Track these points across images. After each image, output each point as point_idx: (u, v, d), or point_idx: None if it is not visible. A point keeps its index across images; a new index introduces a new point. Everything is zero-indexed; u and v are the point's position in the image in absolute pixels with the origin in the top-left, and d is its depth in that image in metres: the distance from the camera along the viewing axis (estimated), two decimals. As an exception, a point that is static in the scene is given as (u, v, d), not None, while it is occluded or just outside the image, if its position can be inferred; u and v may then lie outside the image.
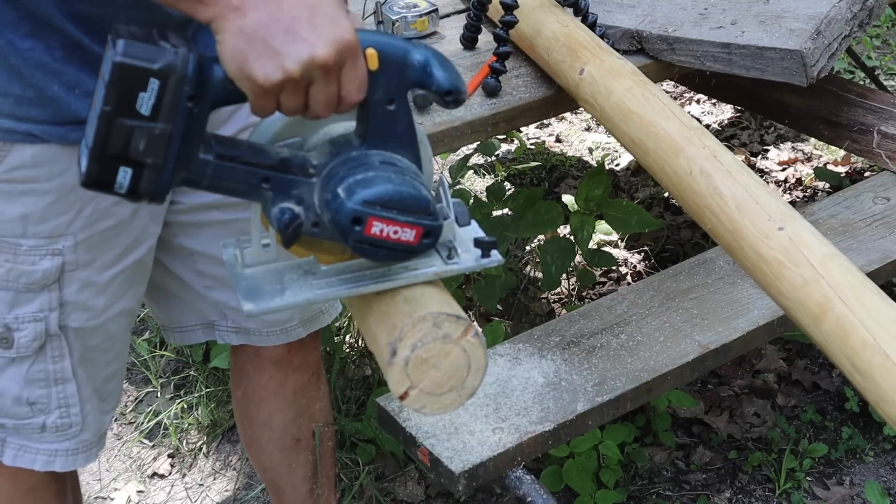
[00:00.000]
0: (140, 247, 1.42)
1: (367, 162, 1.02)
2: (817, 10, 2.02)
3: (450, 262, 1.09)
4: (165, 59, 0.95)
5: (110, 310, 1.41)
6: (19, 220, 1.28)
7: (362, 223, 1.00)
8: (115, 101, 0.95)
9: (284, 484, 1.85)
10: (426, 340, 1.03)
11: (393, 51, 1.02)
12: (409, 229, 1.02)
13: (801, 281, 1.30)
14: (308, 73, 0.96)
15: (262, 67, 0.95)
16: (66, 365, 1.40)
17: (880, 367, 1.18)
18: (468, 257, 1.09)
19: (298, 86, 0.97)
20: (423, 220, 1.02)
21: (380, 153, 1.03)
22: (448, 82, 1.03)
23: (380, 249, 1.02)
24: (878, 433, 2.44)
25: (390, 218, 1.00)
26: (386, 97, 1.02)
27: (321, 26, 0.96)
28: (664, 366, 1.79)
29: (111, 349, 1.46)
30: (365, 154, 1.03)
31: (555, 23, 1.99)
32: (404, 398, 1.05)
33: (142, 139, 0.97)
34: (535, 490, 1.63)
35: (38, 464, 1.45)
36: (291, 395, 1.75)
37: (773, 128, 3.64)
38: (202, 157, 1.00)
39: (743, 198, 1.44)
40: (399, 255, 1.04)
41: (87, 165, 0.98)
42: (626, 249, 3.06)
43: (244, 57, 0.95)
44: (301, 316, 1.66)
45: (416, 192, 1.01)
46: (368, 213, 1.00)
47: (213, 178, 1.02)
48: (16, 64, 1.20)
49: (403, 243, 1.02)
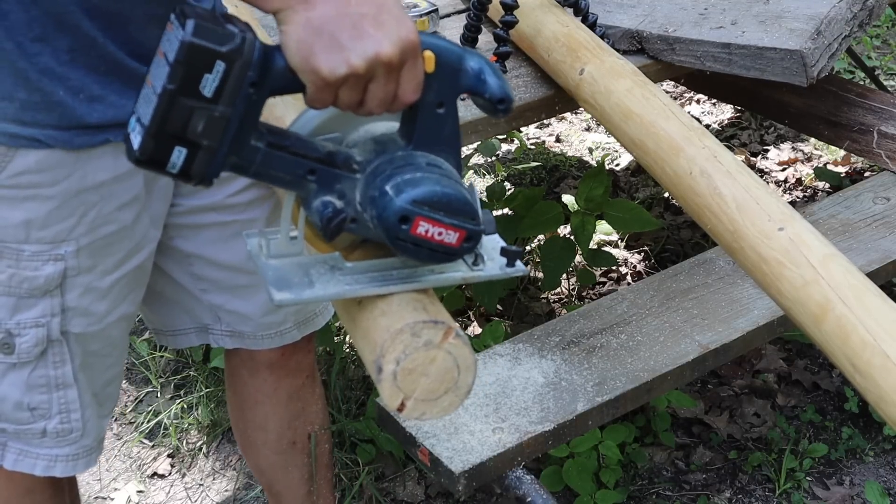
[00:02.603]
0: (141, 252, 1.42)
1: (414, 162, 1.03)
2: (817, 10, 2.02)
3: (475, 268, 1.10)
4: (234, 42, 0.95)
5: (111, 315, 1.41)
6: (22, 225, 1.28)
7: (409, 222, 1.00)
8: (180, 81, 0.95)
9: (281, 486, 1.85)
10: (408, 352, 1.02)
11: (449, 55, 1.03)
12: (452, 232, 1.02)
13: (802, 281, 1.30)
14: (371, 69, 0.97)
15: (327, 61, 0.96)
16: (67, 370, 1.39)
17: (880, 368, 1.18)
18: (493, 265, 1.10)
19: (360, 81, 0.98)
20: (467, 224, 1.03)
21: (425, 155, 1.04)
22: (501, 91, 1.04)
23: (422, 249, 1.03)
24: (878, 433, 2.44)
25: (437, 219, 1.01)
26: (437, 100, 1.03)
27: (387, 24, 0.97)
28: (664, 366, 1.79)
29: (111, 354, 1.46)
30: (411, 154, 1.04)
31: (555, 23, 1.99)
32: (402, 409, 1.04)
33: (201, 120, 0.97)
34: (535, 490, 1.63)
35: (39, 469, 1.45)
36: (286, 399, 1.75)
37: (773, 128, 3.64)
38: (254, 143, 1.01)
39: (743, 198, 1.44)
40: (439, 256, 1.04)
41: (141, 142, 0.98)
42: (626, 249, 3.06)
43: (310, 49, 0.96)
44: (295, 318, 1.65)
45: (463, 195, 1.02)
46: (416, 212, 1.00)
47: (262, 165, 1.02)
48: (23, 68, 1.19)
49: (445, 245, 1.03)
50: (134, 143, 0.99)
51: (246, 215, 1.54)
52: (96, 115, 1.24)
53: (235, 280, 1.58)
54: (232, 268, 1.56)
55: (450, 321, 1.04)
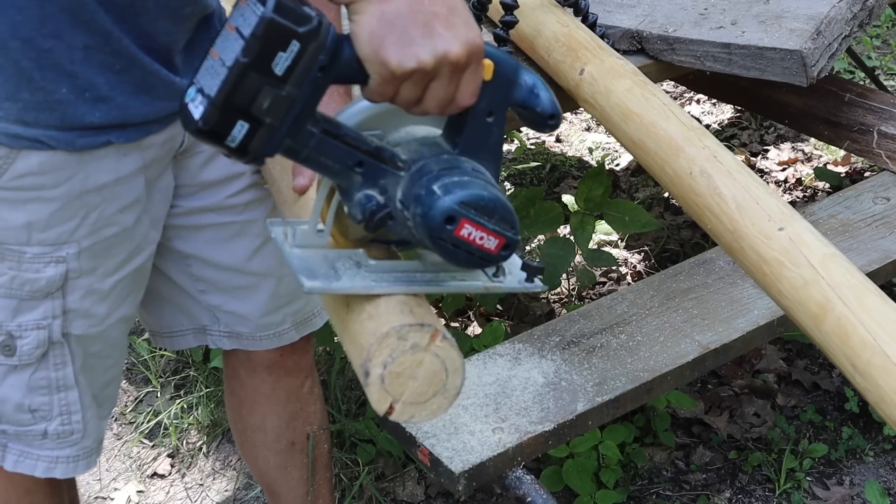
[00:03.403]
0: (141, 253, 1.42)
1: (461, 166, 1.04)
2: (817, 10, 2.02)
3: (495, 279, 1.11)
4: (311, 24, 0.96)
5: (112, 316, 1.41)
6: (24, 227, 1.28)
7: (455, 222, 1.01)
8: (255, 55, 0.95)
9: (280, 487, 1.85)
10: (395, 355, 1.02)
11: (507, 66, 1.04)
12: (493, 238, 1.03)
13: (802, 281, 1.30)
14: (438, 67, 0.98)
15: (396, 54, 0.96)
16: (68, 372, 1.39)
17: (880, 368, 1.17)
18: (512, 279, 1.12)
19: (424, 78, 0.98)
20: (508, 232, 1.03)
21: (469, 161, 1.05)
22: (552, 107, 1.06)
23: (460, 252, 1.03)
24: (878, 433, 2.44)
25: (481, 223, 1.02)
26: (488, 108, 1.04)
27: (457, 26, 0.98)
28: (664, 366, 1.79)
29: (111, 355, 1.46)
30: (457, 159, 1.05)
31: (555, 23, 1.99)
32: (390, 413, 1.04)
33: (267, 98, 0.97)
34: (535, 490, 1.63)
35: (39, 470, 1.45)
36: (285, 399, 1.75)
37: (773, 128, 3.64)
38: (310, 128, 1.01)
39: (743, 198, 1.44)
40: (475, 260, 1.05)
41: (205, 112, 0.98)
42: (626, 249, 3.06)
43: (381, 41, 0.96)
44: (294, 319, 1.66)
45: (506, 204, 1.03)
46: (463, 213, 1.01)
47: (314, 151, 1.03)
48: (27, 67, 1.19)
49: (484, 250, 1.04)
50: (195, 112, 0.99)
51: (244, 216, 1.54)
52: (99, 114, 1.24)
53: (233, 281, 1.58)
54: (230, 269, 1.56)
55: (437, 324, 1.04)
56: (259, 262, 1.58)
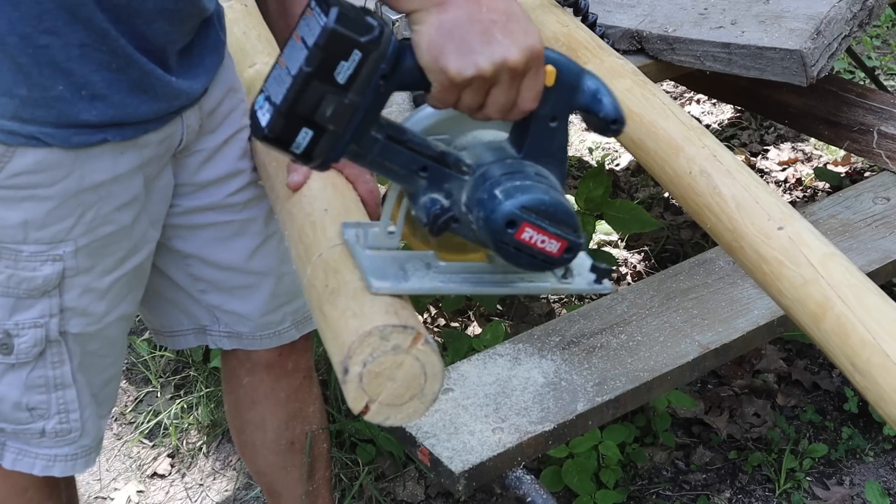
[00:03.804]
0: (140, 252, 1.42)
1: (524, 170, 1.05)
2: (817, 10, 2.02)
3: (564, 281, 1.13)
4: (373, 34, 0.98)
5: (110, 315, 1.41)
6: (20, 226, 1.28)
7: (515, 226, 1.02)
8: (318, 65, 0.98)
9: (280, 487, 1.85)
10: (376, 355, 1.02)
11: (569, 71, 1.06)
12: (555, 241, 1.05)
13: (801, 280, 1.30)
14: (497, 73, 0.99)
15: (456, 62, 0.98)
16: (65, 371, 1.39)
17: (880, 367, 1.17)
18: (581, 280, 1.13)
19: (484, 85, 1.00)
20: (570, 236, 1.05)
21: (533, 165, 1.06)
22: (615, 111, 1.08)
23: (522, 255, 1.04)
24: (878, 433, 2.44)
25: (542, 227, 1.03)
26: (552, 113, 1.06)
27: (515, 32, 0.99)
28: (664, 366, 1.79)
29: (110, 354, 1.46)
30: (521, 163, 1.06)
31: (555, 23, 1.99)
32: (365, 412, 1.04)
33: (330, 105, 0.99)
34: (535, 490, 1.63)
35: (37, 468, 1.45)
36: (284, 399, 1.75)
37: (773, 128, 3.64)
38: (374, 134, 1.03)
39: (743, 197, 1.44)
40: (538, 264, 1.06)
41: (271, 120, 1.00)
42: (626, 249, 3.06)
43: (440, 50, 0.98)
44: (294, 318, 1.65)
45: (568, 207, 1.05)
46: (523, 217, 1.02)
47: (378, 156, 1.05)
48: (24, 63, 1.19)
49: (546, 253, 1.05)
50: (262, 120, 1.01)
51: (244, 214, 1.54)
52: (95, 112, 1.24)
53: (233, 280, 1.58)
54: (230, 268, 1.56)
55: (420, 327, 1.04)
56: (259, 261, 1.58)
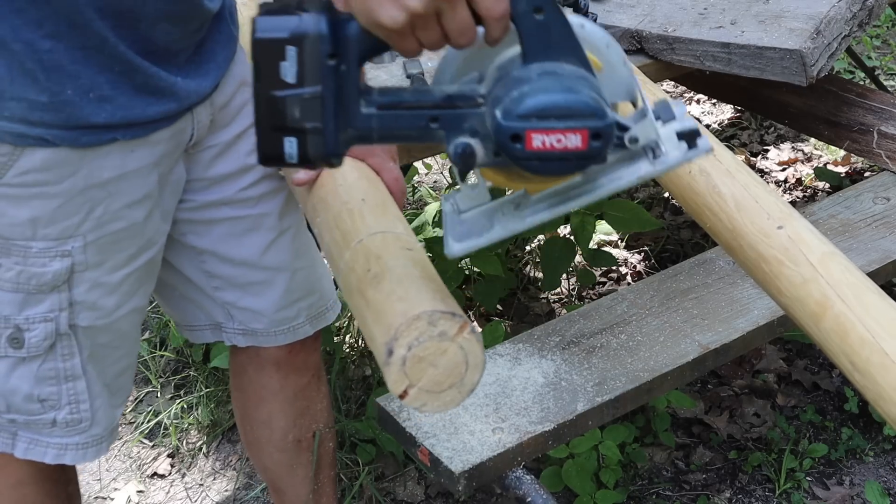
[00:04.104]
0: (152, 248, 1.43)
1: (525, 77, 0.99)
2: (817, 10, 2.02)
3: (656, 161, 1.03)
4: (294, 25, 0.96)
5: (121, 309, 1.42)
6: (29, 223, 1.29)
7: (521, 139, 0.97)
8: (261, 76, 0.97)
9: (285, 484, 1.85)
10: (422, 339, 1.02)
11: None
12: (573, 134, 0.98)
13: (801, 279, 1.30)
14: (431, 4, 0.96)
15: (386, 12, 0.96)
16: (75, 363, 1.41)
17: (879, 366, 1.17)
18: (676, 153, 1.03)
19: (428, 20, 0.97)
20: (588, 122, 0.97)
21: (540, 65, 1.00)
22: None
23: (550, 162, 0.99)
24: (878, 433, 2.44)
25: (549, 127, 0.97)
26: (532, 6, 0.99)
27: None
28: (664, 366, 1.79)
29: (121, 346, 1.47)
30: (525, 69, 1.00)
31: (554, 23, 1.99)
32: (404, 397, 1.04)
33: (295, 106, 0.98)
34: (535, 490, 1.63)
35: (49, 457, 1.46)
36: (292, 396, 1.75)
37: (773, 128, 3.64)
38: (364, 111, 1.01)
39: (742, 196, 1.44)
40: (574, 163, 0.99)
41: (257, 144, 1.00)
42: (626, 249, 3.06)
43: (369, 6, 0.97)
44: (308, 313, 1.66)
45: (574, 95, 0.98)
46: (524, 126, 0.97)
47: (382, 129, 1.02)
48: (32, 68, 1.19)
49: (572, 150, 0.98)
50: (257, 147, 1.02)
51: (258, 209, 1.54)
52: (104, 114, 1.25)
53: (248, 276, 1.58)
54: (244, 264, 1.57)
55: (465, 317, 1.05)
56: (273, 257, 1.58)
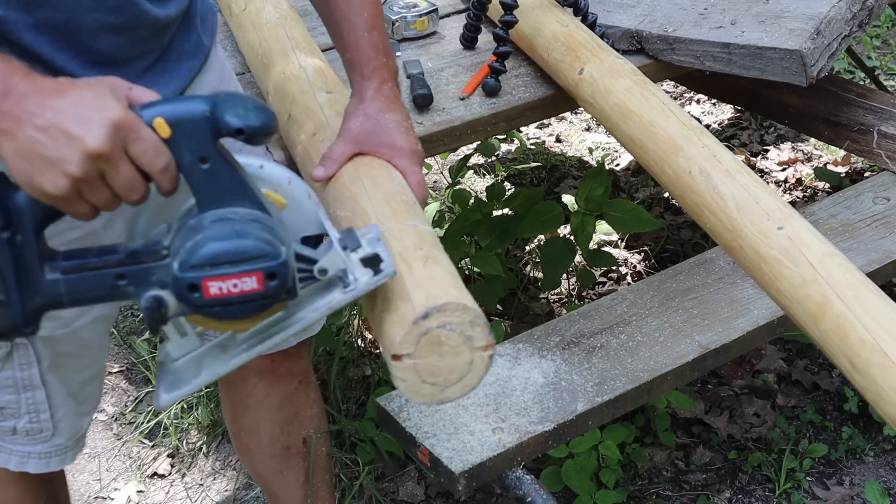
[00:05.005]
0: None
1: (198, 226, 1.00)
2: (817, 10, 2.02)
3: (346, 290, 1.06)
4: None
5: (82, 318, 1.40)
6: None
7: (199, 288, 0.98)
8: None
9: (278, 489, 1.85)
10: (453, 327, 1.04)
11: (180, 112, 0.99)
12: (248, 277, 0.99)
13: (801, 280, 1.30)
14: (92, 167, 0.95)
15: (49, 179, 0.95)
16: (33, 372, 1.39)
17: (879, 366, 1.18)
18: (364, 278, 1.07)
19: (93, 183, 0.97)
20: (260, 264, 0.99)
21: (214, 212, 1.01)
22: (238, 120, 0.98)
23: (232, 307, 1.00)
24: (878, 433, 2.44)
25: (223, 273, 0.98)
26: (196, 157, 1.00)
27: (87, 118, 0.95)
28: (664, 366, 1.79)
29: (86, 355, 1.46)
30: (199, 219, 1.01)
31: (554, 22, 1.99)
32: (397, 359, 1.05)
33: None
34: (535, 490, 1.63)
35: (13, 464, 1.47)
36: (278, 404, 1.75)
37: (773, 128, 3.64)
38: (49, 277, 1.00)
39: (742, 197, 1.44)
40: (257, 304, 1.01)
41: None
42: (626, 249, 3.06)
43: (30, 176, 0.96)
44: None
45: (243, 239, 0.99)
46: (199, 276, 0.98)
47: (70, 293, 1.01)
48: None
49: (250, 293, 0.99)
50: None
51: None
52: None
53: None
54: None
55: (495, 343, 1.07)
56: None
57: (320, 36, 2.08)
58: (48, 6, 1.17)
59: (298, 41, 1.76)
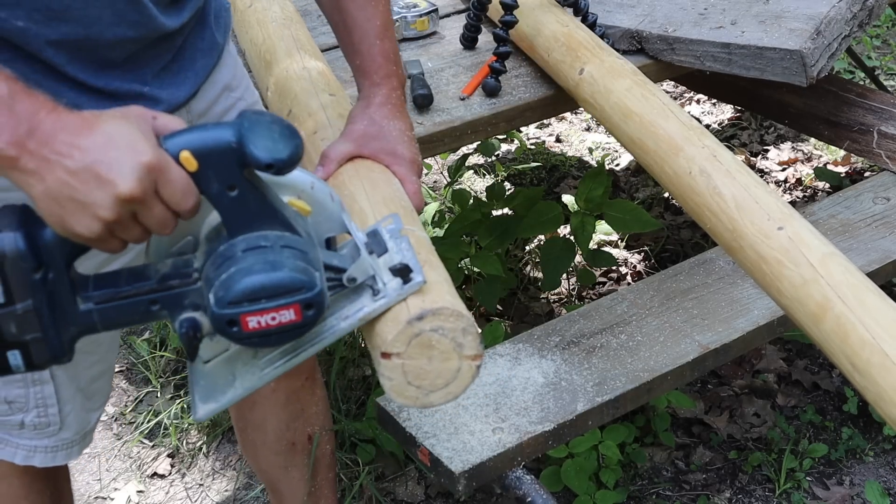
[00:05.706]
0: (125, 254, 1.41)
1: (231, 255, 1.00)
2: (817, 10, 2.02)
3: (377, 298, 1.07)
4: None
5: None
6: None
7: (237, 323, 0.99)
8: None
9: (281, 486, 1.85)
10: (446, 332, 1.04)
11: (206, 143, 0.98)
12: (286, 310, 0.99)
13: (801, 280, 1.30)
14: (124, 210, 0.95)
15: (81, 224, 0.95)
16: None
17: (879, 366, 1.18)
18: (394, 286, 1.07)
19: (125, 223, 0.97)
20: (298, 297, 0.99)
21: (245, 238, 1.01)
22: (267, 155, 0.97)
23: (270, 337, 1.00)
24: (878, 433, 2.44)
25: (261, 308, 0.98)
26: (224, 186, 0.99)
27: (118, 161, 0.94)
28: (664, 366, 1.79)
29: (95, 351, 1.46)
30: (230, 246, 1.01)
31: (555, 22, 1.99)
32: (386, 357, 1.05)
33: (10, 323, 0.99)
34: (535, 490, 1.63)
35: (19, 458, 1.47)
36: (284, 400, 1.75)
37: (773, 128, 3.64)
38: (83, 308, 1.01)
39: (742, 197, 1.44)
40: (294, 333, 1.01)
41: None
42: (626, 249, 3.06)
43: (61, 219, 0.96)
44: None
45: (279, 272, 0.99)
46: (237, 311, 0.98)
47: (105, 321, 1.02)
48: None
49: (288, 324, 1.00)
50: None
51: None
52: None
53: None
54: None
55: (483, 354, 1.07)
56: None
57: (320, 37, 2.09)
58: (70, 21, 1.17)
59: (303, 42, 1.76)
